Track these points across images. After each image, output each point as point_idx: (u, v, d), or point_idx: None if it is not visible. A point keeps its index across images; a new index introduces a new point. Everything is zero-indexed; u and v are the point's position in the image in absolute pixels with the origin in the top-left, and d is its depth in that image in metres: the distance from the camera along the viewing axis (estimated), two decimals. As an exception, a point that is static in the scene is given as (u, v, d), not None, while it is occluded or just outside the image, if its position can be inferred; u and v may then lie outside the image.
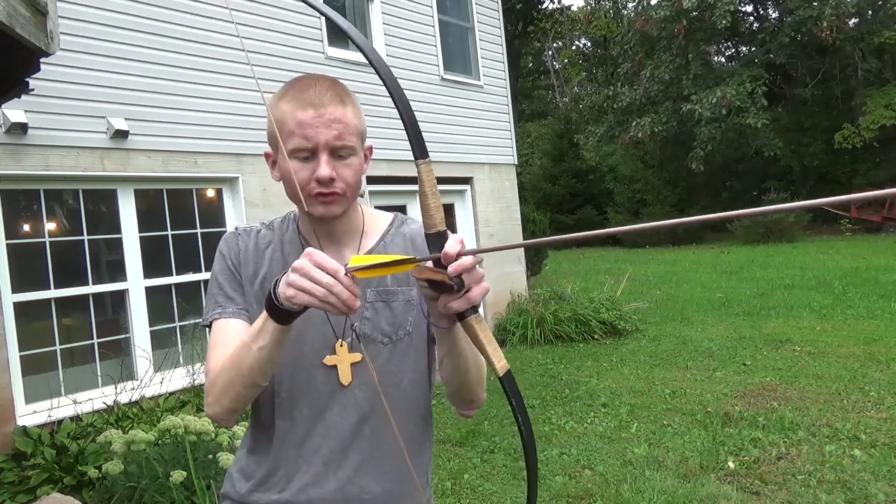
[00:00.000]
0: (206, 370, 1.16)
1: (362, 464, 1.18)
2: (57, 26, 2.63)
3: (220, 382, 1.11)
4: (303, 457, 1.17)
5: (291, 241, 1.24)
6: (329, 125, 1.11)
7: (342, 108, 1.13)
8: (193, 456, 3.18)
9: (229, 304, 1.20)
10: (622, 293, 9.16)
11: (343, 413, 1.17)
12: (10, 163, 4.20)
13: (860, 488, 3.42)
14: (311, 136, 1.10)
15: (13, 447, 3.89)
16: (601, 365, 6.49)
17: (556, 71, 35.67)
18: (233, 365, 1.08)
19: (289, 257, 1.21)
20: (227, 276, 1.22)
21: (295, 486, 1.17)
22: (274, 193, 5.67)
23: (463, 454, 4.38)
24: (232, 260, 1.23)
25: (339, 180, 1.13)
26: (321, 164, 1.11)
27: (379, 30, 7.04)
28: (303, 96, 1.11)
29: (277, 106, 1.14)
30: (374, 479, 1.18)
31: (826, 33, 17.90)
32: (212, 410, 1.13)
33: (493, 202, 8.45)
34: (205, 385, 1.15)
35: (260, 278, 1.21)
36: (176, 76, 5.09)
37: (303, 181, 1.12)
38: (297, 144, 1.11)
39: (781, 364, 6.01)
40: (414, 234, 1.28)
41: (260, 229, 1.27)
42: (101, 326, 4.71)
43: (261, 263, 1.22)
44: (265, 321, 1.03)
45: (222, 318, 1.19)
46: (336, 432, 1.17)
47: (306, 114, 1.10)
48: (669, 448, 4.20)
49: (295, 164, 1.12)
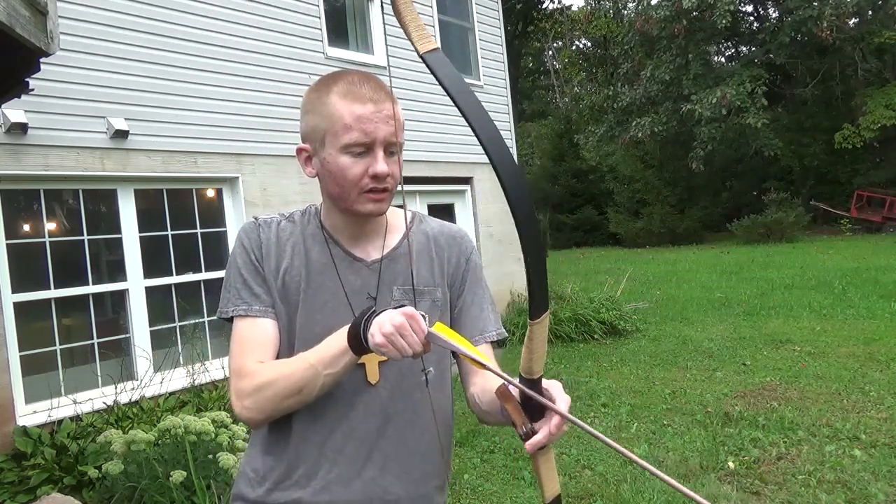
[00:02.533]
0: (238, 370, 1.13)
1: (386, 464, 1.17)
2: (57, 26, 2.63)
3: (268, 393, 1.09)
4: (325, 455, 1.15)
5: (314, 236, 1.22)
6: (387, 121, 1.11)
7: (393, 105, 1.14)
8: (193, 456, 3.18)
9: (255, 302, 1.17)
10: (622, 293, 9.15)
11: (367, 412, 1.16)
12: (10, 163, 4.20)
13: (860, 488, 3.42)
14: (371, 131, 1.10)
15: (13, 447, 3.89)
16: (601, 365, 6.49)
17: (556, 71, 35.66)
18: (291, 382, 1.07)
19: (311, 252, 1.20)
20: (250, 270, 1.18)
21: (317, 484, 1.15)
22: (273, 193, 5.67)
23: (463, 454, 4.38)
24: (255, 252, 1.19)
25: (390, 176, 1.14)
26: (378, 160, 1.11)
27: (379, 30, 7.04)
28: (358, 91, 1.10)
29: (325, 100, 1.12)
30: (398, 480, 1.17)
31: (826, 33, 17.89)
32: (249, 415, 1.11)
33: (494, 202, 8.45)
34: (237, 385, 1.12)
35: (282, 272, 1.18)
36: (176, 76, 5.09)
37: (356, 176, 1.12)
38: (355, 139, 1.10)
39: (781, 364, 6.01)
40: (436, 234, 1.29)
41: (280, 221, 1.24)
42: (101, 326, 4.71)
43: (282, 257, 1.19)
44: (342, 353, 1.04)
45: (249, 317, 1.16)
46: (359, 432, 1.16)
47: (365, 108, 1.09)
48: (669, 448, 4.20)
49: (347, 159, 1.11)
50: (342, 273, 1.19)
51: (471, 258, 1.31)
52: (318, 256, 1.20)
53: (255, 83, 5.64)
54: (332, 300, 1.17)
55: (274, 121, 5.66)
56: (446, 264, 1.27)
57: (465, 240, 1.32)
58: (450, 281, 1.27)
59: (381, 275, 1.21)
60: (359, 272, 1.20)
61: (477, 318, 1.28)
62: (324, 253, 1.20)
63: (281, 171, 5.66)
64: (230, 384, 1.15)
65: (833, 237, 18.23)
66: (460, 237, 1.31)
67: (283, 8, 5.99)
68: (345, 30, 6.94)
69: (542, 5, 28.50)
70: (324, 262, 1.19)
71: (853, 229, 18.67)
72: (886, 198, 18.82)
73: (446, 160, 7.69)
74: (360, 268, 1.20)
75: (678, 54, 20.53)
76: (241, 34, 5.60)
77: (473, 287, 1.30)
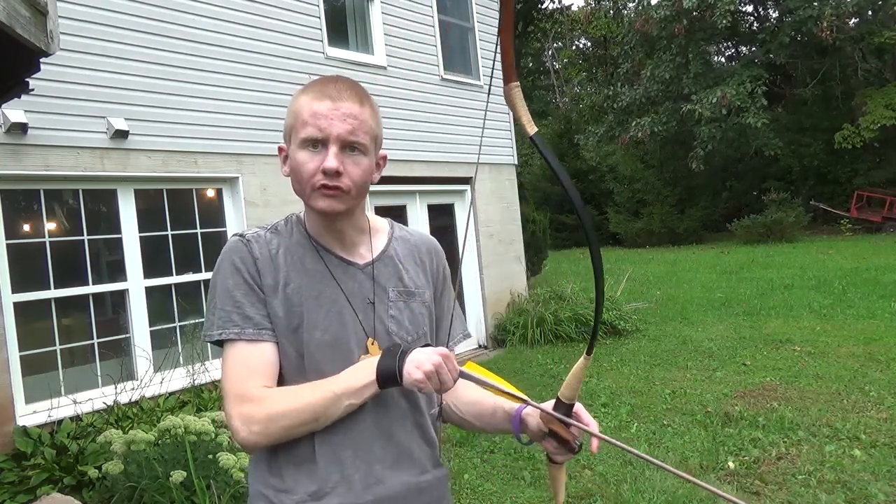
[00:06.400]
0: (241, 394, 1.11)
1: (399, 458, 1.19)
2: (57, 26, 2.63)
3: (283, 423, 1.09)
4: (348, 458, 1.15)
5: (302, 245, 1.21)
6: (344, 118, 1.11)
7: (359, 106, 1.14)
8: (193, 456, 3.18)
9: (248, 325, 1.14)
10: (622, 293, 9.16)
11: (377, 409, 1.18)
12: (10, 163, 4.20)
13: (860, 488, 3.42)
14: (324, 126, 1.11)
15: (13, 447, 3.89)
16: (601, 365, 6.49)
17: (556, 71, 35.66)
18: (310, 411, 1.09)
19: (305, 261, 1.20)
20: (244, 291, 1.15)
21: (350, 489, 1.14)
22: (273, 193, 5.67)
23: (463, 454, 4.38)
24: (249, 272, 1.16)
25: (345, 176, 1.13)
26: (329, 155, 1.11)
27: (379, 30, 7.04)
28: (323, 89, 1.13)
29: (296, 99, 1.16)
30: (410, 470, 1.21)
31: (826, 33, 17.87)
32: (255, 440, 1.09)
33: (494, 202, 8.45)
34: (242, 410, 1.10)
35: (282, 286, 1.17)
36: (176, 76, 5.09)
37: (309, 172, 1.13)
38: (309, 134, 1.12)
39: (781, 364, 6.01)
40: (416, 241, 1.33)
41: (265, 234, 1.22)
42: (101, 326, 4.71)
43: (279, 270, 1.18)
44: (369, 385, 1.09)
45: (243, 341, 1.14)
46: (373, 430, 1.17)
47: (322, 105, 1.11)
48: (669, 448, 4.20)
49: (304, 154, 1.13)
50: (339, 279, 1.20)
51: (445, 266, 1.37)
52: (313, 265, 1.20)
53: (255, 83, 5.64)
54: (334, 307, 1.18)
55: (274, 121, 5.65)
56: (430, 270, 1.32)
57: (439, 248, 1.38)
58: (432, 288, 1.32)
59: (374, 278, 1.23)
60: (354, 276, 1.22)
61: (452, 324, 1.36)
62: (317, 261, 1.20)
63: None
64: (228, 407, 1.12)
65: (833, 237, 18.22)
66: (436, 246, 1.37)
67: (283, 8, 5.99)
68: (345, 30, 6.94)
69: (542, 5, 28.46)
70: (319, 270, 1.20)
71: (853, 229, 18.66)
72: (886, 198, 18.80)
73: (446, 160, 7.69)
74: (354, 272, 1.22)
75: (678, 54, 20.52)
76: (241, 34, 5.59)
77: (448, 293, 1.36)
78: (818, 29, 18.00)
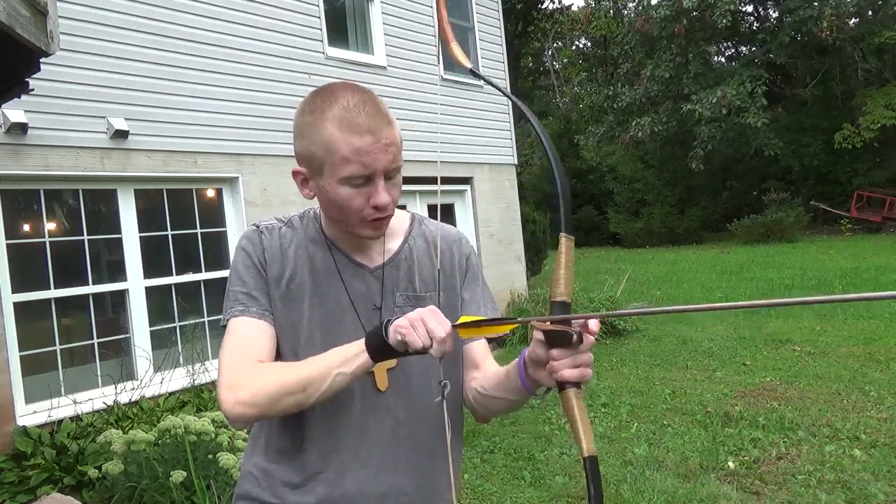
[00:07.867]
0: (232, 362, 1.10)
1: (398, 466, 1.17)
2: (57, 26, 2.63)
3: (269, 388, 1.05)
4: (340, 460, 1.16)
5: (315, 242, 1.22)
6: (385, 150, 1.09)
7: (391, 128, 1.11)
8: (193, 456, 3.18)
9: (252, 304, 1.16)
10: (622, 293, 9.16)
11: (378, 418, 1.17)
12: (10, 163, 4.20)
13: (860, 488, 3.42)
14: (370, 163, 1.07)
15: (13, 447, 3.90)
16: (601, 365, 6.49)
17: (556, 71, 35.66)
18: (296, 378, 1.05)
19: (314, 258, 1.20)
20: (252, 275, 1.18)
21: (332, 487, 1.16)
22: (273, 193, 5.67)
23: (463, 454, 4.38)
24: (258, 258, 1.19)
25: (391, 203, 1.13)
26: (379, 191, 1.10)
27: (379, 30, 7.04)
28: (355, 120, 1.07)
29: (320, 128, 1.08)
30: (411, 479, 1.19)
31: (826, 33, 17.87)
32: (241, 409, 1.05)
33: (494, 202, 8.45)
34: (231, 376, 1.08)
35: (286, 279, 1.18)
36: (176, 76, 5.09)
37: (357, 207, 1.11)
38: (355, 171, 1.07)
39: (781, 364, 6.01)
40: (435, 236, 1.29)
41: (280, 227, 1.23)
42: (101, 326, 4.71)
43: (286, 264, 1.19)
44: (359, 353, 1.03)
45: (244, 316, 1.15)
46: (371, 437, 1.17)
47: (364, 140, 1.06)
48: (669, 448, 4.20)
49: (347, 190, 1.09)
50: (346, 279, 1.19)
51: (469, 258, 1.33)
52: (322, 262, 1.20)
53: (255, 83, 5.64)
54: (337, 307, 1.18)
55: (274, 121, 5.66)
56: (448, 266, 1.28)
57: (464, 241, 1.34)
58: (451, 282, 1.28)
59: (383, 281, 1.22)
60: (363, 279, 1.21)
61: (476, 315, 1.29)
62: (327, 259, 1.20)
63: (281, 171, 5.65)
64: (219, 378, 1.10)
65: (833, 237, 18.22)
66: (458, 239, 1.33)
67: (283, 8, 5.99)
68: (345, 30, 6.94)
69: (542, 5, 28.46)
70: (328, 269, 1.19)
71: (853, 229, 18.66)
72: (886, 198, 18.80)
73: (446, 160, 7.69)
74: (363, 274, 1.21)
75: (678, 54, 20.52)
76: (241, 34, 5.60)
77: (471, 285, 1.31)
78: (818, 29, 18.00)
